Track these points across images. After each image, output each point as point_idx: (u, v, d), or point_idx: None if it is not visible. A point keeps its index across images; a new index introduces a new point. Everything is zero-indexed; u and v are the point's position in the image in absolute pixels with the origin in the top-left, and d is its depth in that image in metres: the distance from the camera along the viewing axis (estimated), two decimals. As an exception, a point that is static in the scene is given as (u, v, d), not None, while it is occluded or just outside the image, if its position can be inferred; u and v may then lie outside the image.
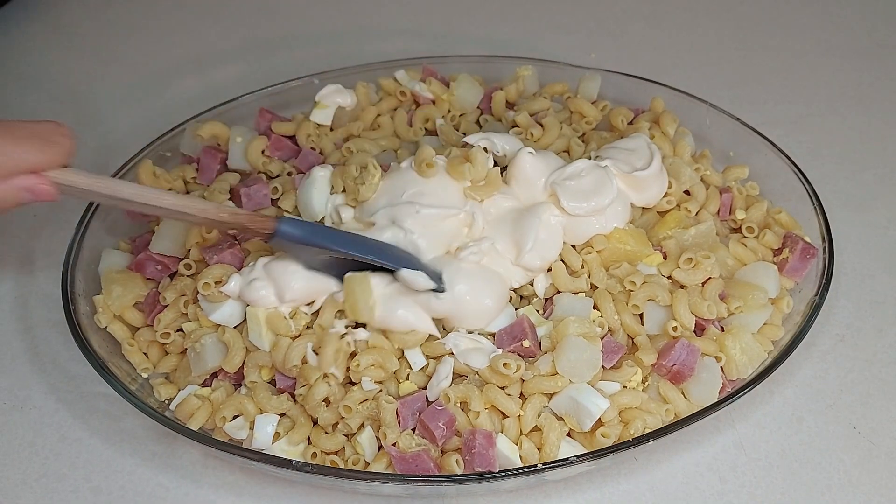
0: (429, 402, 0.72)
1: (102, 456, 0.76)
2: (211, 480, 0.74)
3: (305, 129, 0.93)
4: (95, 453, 0.76)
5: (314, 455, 0.71)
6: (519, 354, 0.73)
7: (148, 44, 1.26)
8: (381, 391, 0.72)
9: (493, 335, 0.75)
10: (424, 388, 0.73)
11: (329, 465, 0.71)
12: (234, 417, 0.74)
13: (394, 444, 0.69)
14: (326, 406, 0.72)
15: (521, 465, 0.69)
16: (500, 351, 0.73)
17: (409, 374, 0.74)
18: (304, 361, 0.73)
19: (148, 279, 0.83)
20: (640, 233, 0.81)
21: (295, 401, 0.73)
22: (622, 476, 0.74)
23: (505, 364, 0.70)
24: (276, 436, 0.72)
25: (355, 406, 0.71)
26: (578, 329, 0.72)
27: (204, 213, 0.69)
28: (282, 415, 0.73)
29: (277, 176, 0.89)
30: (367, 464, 0.71)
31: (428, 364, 0.74)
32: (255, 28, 1.29)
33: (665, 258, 0.80)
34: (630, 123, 0.93)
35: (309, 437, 0.73)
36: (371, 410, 0.71)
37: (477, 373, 0.72)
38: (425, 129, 0.96)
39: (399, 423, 0.70)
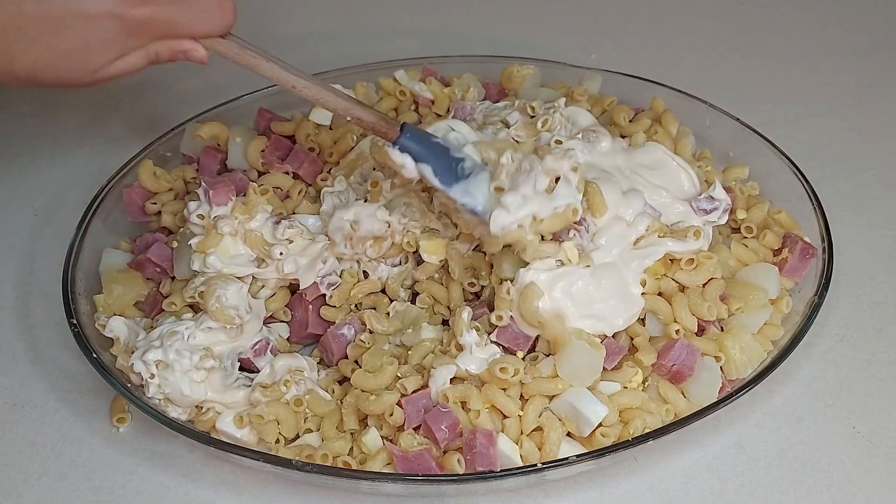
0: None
1: (103, 455, 0.76)
2: (211, 480, 0.74)
3: (305, 128, 0.93)
4: (96, 452, 0.77)
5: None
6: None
7: (148, 43, 1.26)
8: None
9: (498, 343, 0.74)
10: (425, 387, 0.72)
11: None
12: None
13: (390, 440, 0.69)
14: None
15: (521, 464, 0.69)
16: (500, 354, 0.72)
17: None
18: None
19: (148, 279, 0.83)
20: None
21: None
22: (622, 476, 0.74)
23: (502, 369, 0.70)
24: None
25: (321, 410, 0.73)
26: (579, 332, 0.72)
27: (335, 107, 0.74)
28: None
29: (278, 175, 0.89)
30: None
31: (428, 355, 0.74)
32: (255, 28, 1.29)
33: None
34: (630, 122, 0.93)
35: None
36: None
37: (478, 377, 0.72)
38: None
39: (405, 421, 0.70)
